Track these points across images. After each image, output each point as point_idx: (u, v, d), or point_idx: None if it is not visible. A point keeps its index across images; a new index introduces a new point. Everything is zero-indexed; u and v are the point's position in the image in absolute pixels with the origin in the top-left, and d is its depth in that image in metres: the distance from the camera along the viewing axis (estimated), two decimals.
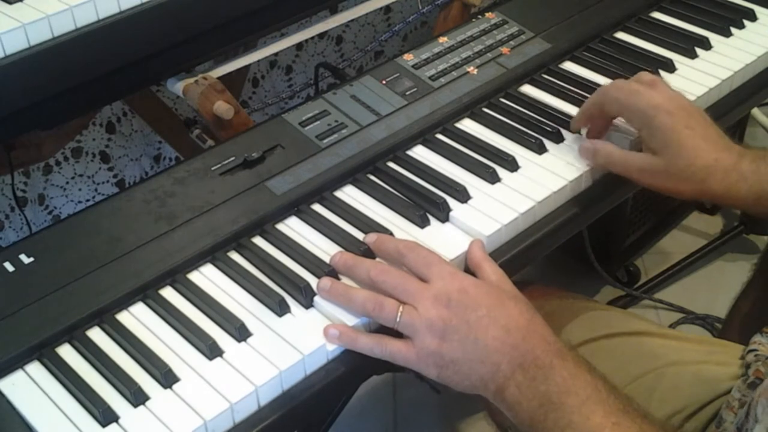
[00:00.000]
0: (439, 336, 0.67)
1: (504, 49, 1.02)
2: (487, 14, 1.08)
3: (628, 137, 0.88)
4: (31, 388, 0.68)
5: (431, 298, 0.68)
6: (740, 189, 0.79)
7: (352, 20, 1.36)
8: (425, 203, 0.83)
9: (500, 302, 0.69)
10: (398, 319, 0.68)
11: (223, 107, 1.01)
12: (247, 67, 1.15)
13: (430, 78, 0.98)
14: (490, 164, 0.87)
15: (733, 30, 1.08)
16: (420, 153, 0.90)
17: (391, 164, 0.89)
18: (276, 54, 1.55)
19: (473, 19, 1.07)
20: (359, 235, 0.80)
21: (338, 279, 0.75)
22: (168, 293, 0.75)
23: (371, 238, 0.77)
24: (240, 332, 0.71)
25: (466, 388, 0.68)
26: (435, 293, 0.68)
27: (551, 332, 0.69)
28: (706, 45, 1.06)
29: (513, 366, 0.66)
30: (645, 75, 0.87)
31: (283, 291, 0.75)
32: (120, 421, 0.65)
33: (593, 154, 0.86)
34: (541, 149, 0.89)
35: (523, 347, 0.66)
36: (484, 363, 0.66)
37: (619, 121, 0.88)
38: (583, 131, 0.91)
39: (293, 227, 0.82)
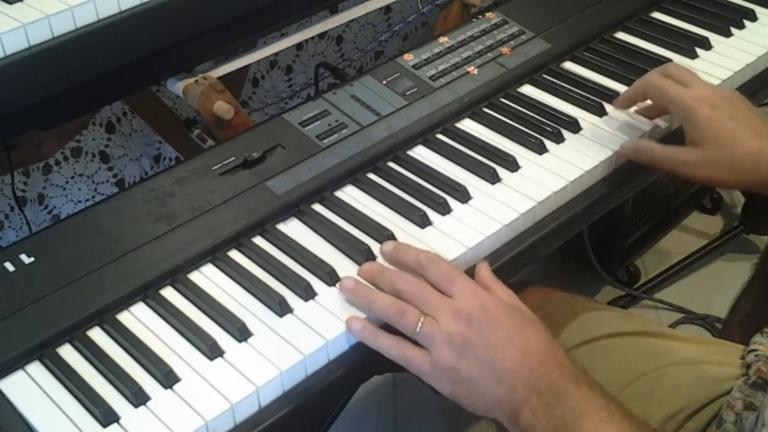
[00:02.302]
0: (457, 351, 0.66)
1: (504, 49, 1.02)
2: (487, 14, 1.08)
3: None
4: (31, 389, 0.68)
5: (452, 312, 0.67)
6: None
7: (352, 20, 1.36)
8: (425, 203, 0.83)
9: (519, 324, 0.67)
10: (418, 329, 0.67)
11: (223, 107, 1.01)
12: (247, 67, 1.15)
13: (430, 78, 0.98)
14: (490, 164, 0.87)
15: (733, 30, 1.08)
16: (420, 153, 0.90)
17: (392, 164, 0.89)
18: (276, 54, 1.55)
19: (473, 19, 1.07)
20: (360, 235, 0.80)
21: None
22: (168, 293, 0.75)
23: (388, 247, 0.76)
24: (240, 332, 0.71)
25: (479, 408, 0.67)
26: (457, 308, 0.67)
27: (566, 355, 0.68)
28: (706, 45, 1.06)
29: (529, 390, 0.65)
30: (686, 74, 0.88)
31: (283, 291, 0.74)
32: (121, 421, 0.65)
33: (635, 152, 0.88)
34: (541, 149, 0.89)
35: (540, 371, 0.65)
36: (501, 384, 0.65)
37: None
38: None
39: (293, 227, 0.82)
